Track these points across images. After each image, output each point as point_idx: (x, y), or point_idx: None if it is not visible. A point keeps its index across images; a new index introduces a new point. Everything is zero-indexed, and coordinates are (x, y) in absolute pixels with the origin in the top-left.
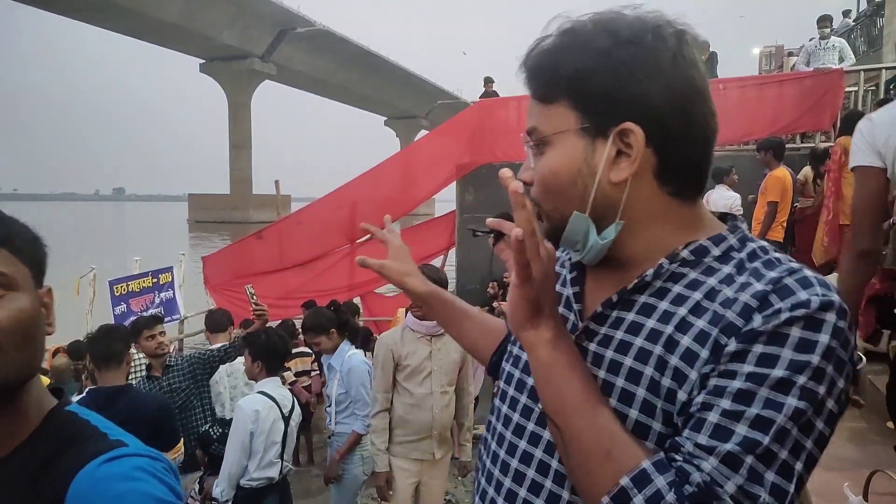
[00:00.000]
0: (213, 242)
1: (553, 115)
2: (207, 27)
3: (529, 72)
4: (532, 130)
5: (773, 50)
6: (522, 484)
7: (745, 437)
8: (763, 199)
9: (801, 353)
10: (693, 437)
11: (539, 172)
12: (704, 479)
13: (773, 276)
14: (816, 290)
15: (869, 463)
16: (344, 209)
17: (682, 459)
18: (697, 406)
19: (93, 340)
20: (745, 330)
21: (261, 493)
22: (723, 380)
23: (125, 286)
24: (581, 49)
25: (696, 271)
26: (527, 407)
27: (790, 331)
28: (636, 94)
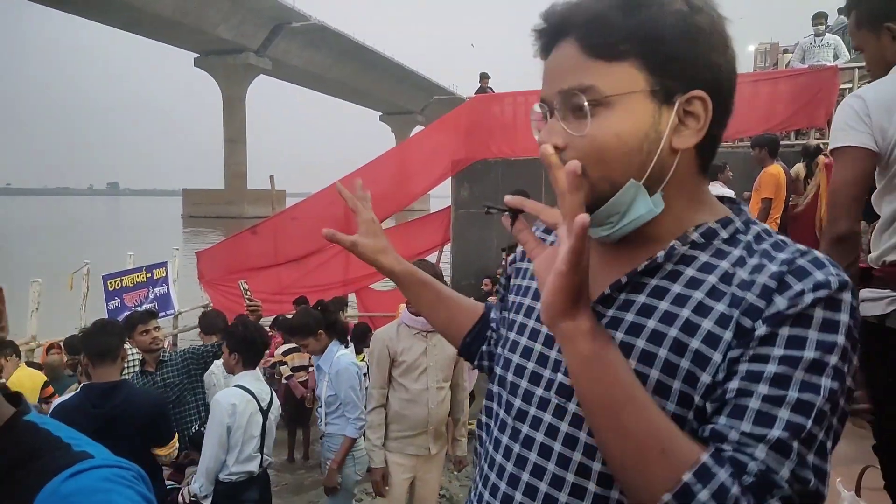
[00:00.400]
0: (208, 237)
1: (617, 73)
2: (202, 21)
3: (587, 22)
4: (587, 89)
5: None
6: (525, 468)
7: (788, 422)
8: (757, 195)
9: (827, 334)
10: (736, 424)
11: (596, 136)
12: (760, 467)
13: (785, 257)
14: (830, 270)
15: (861, 459)
16: (338, 205)
17: (733, 449)
18: (733, 392)
19: (87, 336)
20: (772, 313)
21: (240, 486)
22: (756, 364)
23: (119, 281)
24: (658, 7)
25: (707, 254)
26: (528, 392)
27: (814, 312)
28: (711, 62)
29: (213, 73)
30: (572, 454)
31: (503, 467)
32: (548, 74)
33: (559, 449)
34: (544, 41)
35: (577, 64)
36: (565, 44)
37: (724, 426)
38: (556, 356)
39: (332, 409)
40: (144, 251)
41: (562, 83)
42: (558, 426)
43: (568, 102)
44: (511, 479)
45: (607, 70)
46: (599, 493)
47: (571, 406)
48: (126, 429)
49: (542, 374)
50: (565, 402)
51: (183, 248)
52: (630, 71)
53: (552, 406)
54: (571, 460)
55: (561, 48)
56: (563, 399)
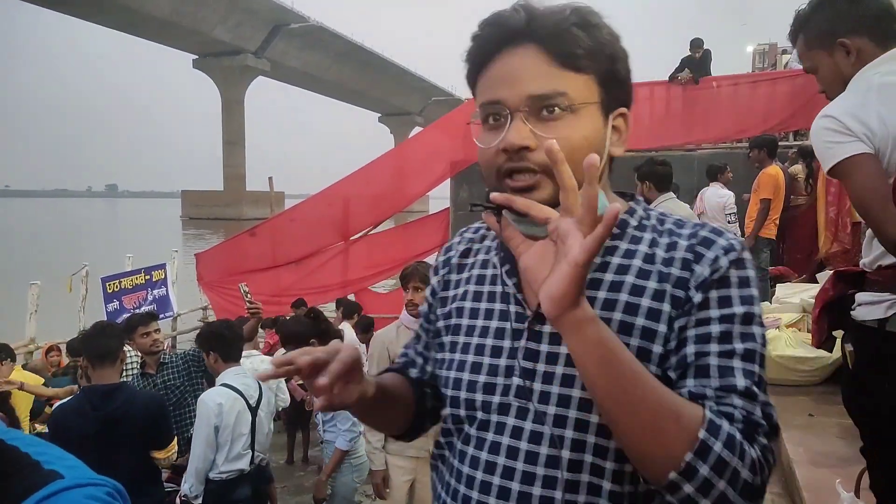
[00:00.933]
0: (207, 239)
1: (581, 84)
2: (200, 23)
3: (553, 34)
4: (560, 95)
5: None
6: (495, 472)
7: (744, 370)
8: (756, 196)
9: (745, 289)
10: (706, 383)
11: (569, 138)
12: (743, 413)
13: (688, 232)
14: (727, 235)
15: (860, 460)
16: (337, 206)
17: (716, 404)
18: (692, 356)
19: (87, 338)
20: (699, 281)
21: (231, 484)
22: (702, 328)
23: (118, 283)
24: (607, 30)
25: (625, 242)
26: (485, 402)
27: (730, 273)
28: (630, 84)
29: (211, 74)
30: (539, 448)
31: (472, 477)
32: (507, 77)
33: (526, 447)
34: (493, 45)
35: (546, 71)
36: (527, 50)
37: (697, 387)
38: (507, 363)
39: (328, 416)
40: (143, 253)
41: (531, 88)
42: (522, 426)
43: (538, 105)
44: (483, 486)
45: (575, 80)
46: (570, 478)
47: (532, 406)
48: (126, 431)
49: (495, 383)
50: (526, 403)
51: (182, 250)
52: (590, 83)
53: (513, 409)
54: (539, 454)
55: (521, 54)
56: (522, 401)
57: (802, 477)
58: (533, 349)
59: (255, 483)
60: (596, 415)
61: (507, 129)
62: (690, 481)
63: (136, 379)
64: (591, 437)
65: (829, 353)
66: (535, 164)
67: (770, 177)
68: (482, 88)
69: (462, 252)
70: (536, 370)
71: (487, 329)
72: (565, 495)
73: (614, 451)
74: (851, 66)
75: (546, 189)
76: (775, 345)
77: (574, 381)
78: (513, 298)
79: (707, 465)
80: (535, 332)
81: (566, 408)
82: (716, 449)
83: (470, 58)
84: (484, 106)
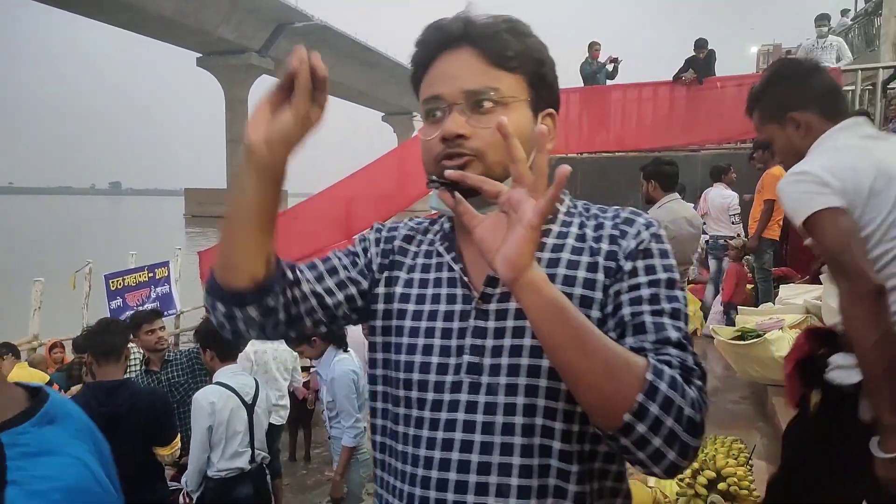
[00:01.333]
0: (210, 237)
1: (511, 82)
2: (203, 21)
3: (486, 37)
4: (493, 90)
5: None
6: (453, 448)
7: (673, 325)
8: (760, 197)
9: (665, 259)
10: (644, 338)
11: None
12: (679, 360)
13: (612, 214)
14: (643, 214)
15: None
16: (340, 205)
17: (655, 354)
18: (629, 316)
19: (92, 335)
20: (627, 252)
21: (231, 482)
22: (634, 292)
23: (121, 280)
24: (535, 38)
25: (557, 226)
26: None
27: (651, 245)
28: (558, 89)
29: (215, 73)
30: (494, 418)
31: (430, 457)
32: (445, 76)
33: (482, 419)
34: (434, 48)
35: (482, 70)
36: (463, 52)
37: (636, 342)
38: (457, 343)
39: (333, 413)
40: (146, 251)
41: (467, 84)
42: (476, 399)
43: (472, 99)
44: (442, 464)
45: (506, 77)
46: (525, 443)
47: (484, 378)
48: (130, 427)
49: (447, 363)
50: (477, 378)
51: (185, 247)
52: (520, 82)
53: (465, 385)
54: (495, 423)
55: (458, 55)
56: (474, 376)
57: None
58: (481, 327)
59: (256, 481)
60: (544, 379)
61: (445, 121)
62: (643, 420)
63: (140, 376)
64: (541, 400)
65: None
66: (469, 149)
67: (774, 177)
68: (424, 87)
69: (405, 237)
70: (485, 346)
71: (436, 313)
72: (521, 459)
73: (562, 412)
74: (801, 139)
75: (476, 169)
76: (778, 346)
77: (522, 351)
78: (459, 282)
79: (656, 403)
80: (482, 311)
81: (516, 376)
82: (662, 389)
83: (414, 61)
84: (426, 102)
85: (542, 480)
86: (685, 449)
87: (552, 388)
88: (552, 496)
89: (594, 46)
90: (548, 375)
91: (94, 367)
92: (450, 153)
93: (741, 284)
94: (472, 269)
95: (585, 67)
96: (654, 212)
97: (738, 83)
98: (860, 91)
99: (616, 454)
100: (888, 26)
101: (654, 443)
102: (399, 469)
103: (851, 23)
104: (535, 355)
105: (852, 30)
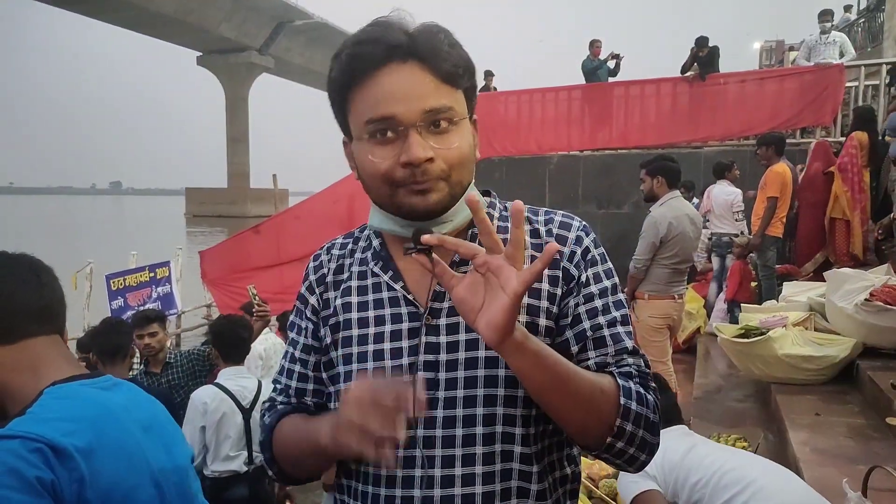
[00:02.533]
0: (211, 237)
1: (459, 98)
2: (204, 20)
3: (433, 53)
4: (448, 109)
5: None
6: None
7: (626, 332)
8: (763, 194)
9: (605, 264)
10: (604, 351)
11: (462, 147)
12: (635, 369)
13: (545, 218)
14: (576, 218)
15: (867, 459)
16: (341, 203)
17: (617, 367)
18: (589, 331)
19: (98, 334)
20: (576, 260)
21: (225, 483)
22: (588, 304)
23: (122, 280)
24: (461, 46)
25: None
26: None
27: (593, 251)
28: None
29: (215, 71)
30: (454, 431)
31: (392, 476)
32: (397, 94)
33: (441, 433)
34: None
35: (435, 88)
36: (410, 68)
37: (599, 357)
38: (409, 360)
39: None
40: (147, 250)
41: (424, 104)
42: (434, 415)
43: (430, 119)
44: (405, 482)
45: (456, 95)
46: (486, 451)
47: (440, 393)
48: None
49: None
50: (433, 393)
51: (186, 247)
52: (462, 97)
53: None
54: (455, 436)
55: (405, 71)
56: (430, 392)
57: (809, 476)
58: (433, 342)
59: (253, 483)
60: (502, 388)
61: (407, 144)
62: (621, 439)
63: (140, 376)
64: (500, 408)
65: (836, 352)
66: (434, 173)
67: (777, 174)
68: (368, 104)
69: (335, 269)
70: (439, 360)
71: (382, 334)
72: (484, 467)
73: (521, 418)
74: None
75: (441, 191)
76: (782, 343)
77: (477, 363)
78: (403, 300)
79: (630, 422)
80: (432, 326)
81: (473, 388)
82: (633, 408)
83: (345, 74)
84: (374, 121)
85: (504, 484)
86: (652, 448)
87: (510, 396)
88: (516, 497)
89: (595, 44)
90: (505, 384)
91: (100, 367)
92: (416, 180)
93: (745, 282)
94: (412, 287)
95: (587, 63)
96: (657, 209)
97: (740, 80)
98: (863, 87)
99: (564, 442)
100: (892, 22)
101: (630, 451)
102: (360, 491)
103: (854, 18)
104: (491, 366)
105: (855, 26)
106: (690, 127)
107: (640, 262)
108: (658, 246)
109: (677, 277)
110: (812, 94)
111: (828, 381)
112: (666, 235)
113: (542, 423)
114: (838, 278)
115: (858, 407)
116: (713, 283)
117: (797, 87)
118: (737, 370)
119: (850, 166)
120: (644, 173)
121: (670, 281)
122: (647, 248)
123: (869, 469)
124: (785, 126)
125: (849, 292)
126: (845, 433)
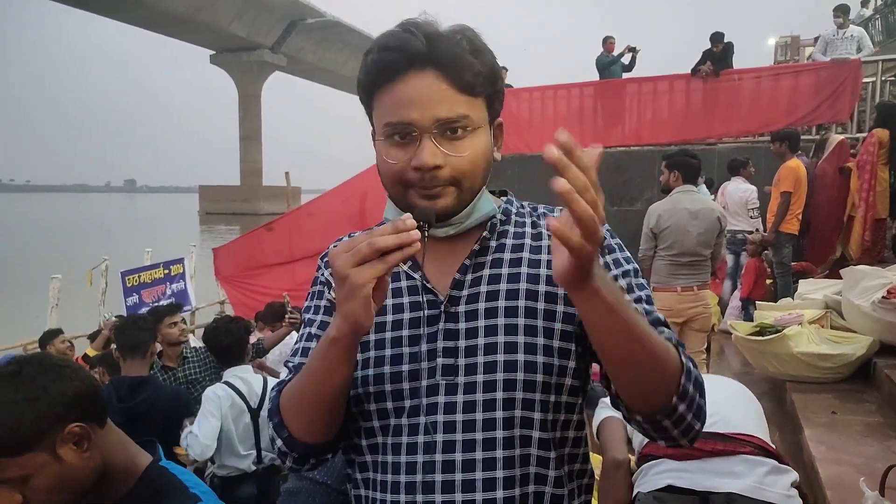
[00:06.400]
0: (224, 234)
1: (477, 107)
2: (216, 18)
3: (452, 61)
4: (464, 118)
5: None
6: (435, 450)
7: (654, 308)
8: (776, 190)
9: (623, 252)
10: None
11: (474, 155)
12: (673, 338)
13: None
14: None
15: (885, 458)
16: (353, 200)
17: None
18: None
19: (120, 330)
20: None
21: (233, 481)
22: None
23: (137, 277)
24: (489, 53)
25: (512, 227)
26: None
27: (610, 240)
28: (503, 96)
29: (228, 70)
30: (474, 415)
31: (412, 462)
32: (414, 101)
33: (462, 418)
34: (396, 69)
35: (451, 96)
36: (429, 75)
37: None
38: (428, 347)
39: None
40: (162, 247)
41: (438, 112)
42: (454, 400)
43: (445, 127)
44: (426, 467)
45: (473, 103)
46: (507, 435)
47: (460, 378)
48: (151, 425)
49: (419, 369)
50: (453, 379)
51: (199, 244)
52: (482, 104)
53: (441, 388)
54: (476, 421)
55: (424, 78)
56: (450, 377)
57: (825, 475)
58: (452, 329)
59: (262, 482)
60: (521, 372)
61: (419, 149)
62: (684, 401)
63: (157, 371)
64: (519, 392)
65: (853, 350)
66: (444, 179)
67: (790, 170)
68: (388, 108)
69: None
70: (458, 347)
71: (400, 322)
72: (504, 451)
73: (539, 403)
74: None
75: (449, 196)
76: (798, 341)
77: (496, 348)
78: (422, 289)
79: (691, 383)
80: (451, 313)
81: (493, 372)
82: (688, 367)
83: (370, 77)
84: (392, 125)
85: (523, 469)
86: (703, 416)
87: (529, 381)
88: (534, 483)
89: (608, 40)
90: (524, 368)
91: (121, 362)
92: (425, 184)
93: (760, 279)
94: (431, 276)
95: (601, 59)
96: (658, 202)
97: (756, 76)
98: (881, 83)
99: (582, 438)
100: None
101: (688, 418)
102: (379, 480)
103: (871, 13)
104: (510, 351)
105: (872, 20)
106: (705, 124)
107: (641, 251)
108: (652, 237)
109: (678, 270)
110: (828, 89)
111: (844, 379)
112: (656, 226)
113: (559, 411)
114: (855, 276)
115: (875, 405)
116: (727, 281)
117: (813, 82)
118: (751, 368)
119: (867, 164)
120: (664, 165)
121: (671, 273)
122: (643, 238)
123: (887, 468)
124: (801, 122)
125: (865, 290)
126: (862, 432)
